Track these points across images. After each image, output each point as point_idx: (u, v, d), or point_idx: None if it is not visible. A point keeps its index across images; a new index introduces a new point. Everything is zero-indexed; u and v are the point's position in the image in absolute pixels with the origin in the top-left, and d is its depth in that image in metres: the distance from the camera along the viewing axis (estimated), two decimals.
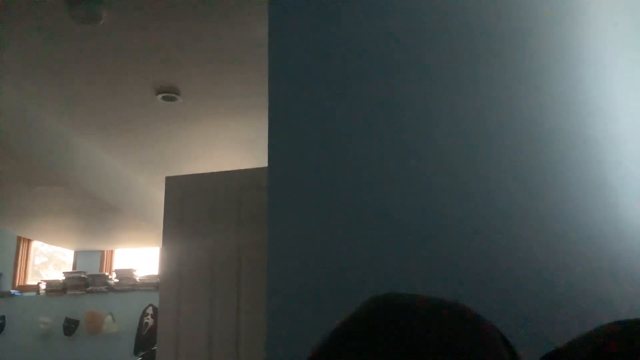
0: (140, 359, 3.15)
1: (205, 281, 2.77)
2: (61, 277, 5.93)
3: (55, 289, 5.83)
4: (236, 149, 4.37)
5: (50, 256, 6.85)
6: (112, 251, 6.47)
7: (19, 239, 6.28)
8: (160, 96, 3.40)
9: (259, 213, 2.79)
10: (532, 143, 1.31)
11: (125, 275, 5.80)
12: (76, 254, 6.36)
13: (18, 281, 6.20)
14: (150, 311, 5.67)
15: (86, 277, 5.85)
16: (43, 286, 5.92)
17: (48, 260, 6.87)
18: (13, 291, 5.95)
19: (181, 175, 2.98)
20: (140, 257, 6.59)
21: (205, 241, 2.82)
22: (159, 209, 5.44)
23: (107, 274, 5.96)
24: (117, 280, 5.83)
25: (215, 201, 2.87)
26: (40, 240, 5.73)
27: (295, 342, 1.25)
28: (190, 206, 2.90)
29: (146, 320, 5.64)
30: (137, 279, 5.81)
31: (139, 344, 5.57)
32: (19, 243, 6.30)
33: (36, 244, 6.54)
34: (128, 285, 5.78)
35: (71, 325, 5.72)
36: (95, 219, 4.88)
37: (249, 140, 4.20)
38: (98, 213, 4.69)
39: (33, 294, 5.98)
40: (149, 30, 2.72)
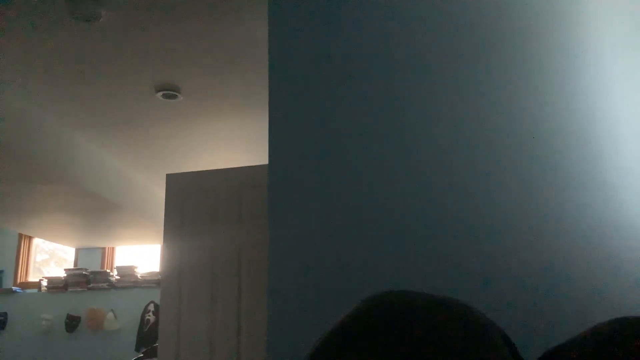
0: (141, 355, 3.15)
1: (206, 278, 2.77)
2: (62, 274, 5.94)
3: (57, 286, 5.85)
4: (236, 146, 4.38)
5: (51, 253, 6.86)
6: (113, 248, 6.47)
7: (20, 236, 6.29)
8: (161, 94, 3.40)
9: (259, 210, 2.79)
10: (532, 142, 1.31)
11: (127, 272, 5.82)
12: (77, 251, 6.37)
13: (19, 278, 6.21)
14: (151, 308, 5.69)
15: (87, 274, 5.87)
16: (44, 283, 5.93)
17: (49, 258, 6.89)
18: (15, 288, 5.97)
19: (182, 173, 2.98)
20: (141, 254, 6.60)
21: (206, 238, 2.82)
22: (160, 207, 5.44)
23: (108, 270, 5.97)
24: (118, 277, 5.84)
25: (215, 199, 2.87)
26: (41, 237, 5.74)
27: (295, 341, 1.26)
28: (191, 204, 2.90)
29: (147, 317, 5.66)
30: (139, 275, 5.83)
31: (140, 340, 5.59)
32: (20, 240, 6.31)
33: (37, 241, 6.55)
34: (129, 282, 5.79)
35: (73, 321, 5.74)
36: (96, 216, 4.89)
37: (249, 138, 4.21)
38: (99, 211, 4.70)
39: (34, 290, 5.99)
40: (149, 28, 2.72)
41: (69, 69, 3.10)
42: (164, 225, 2.90)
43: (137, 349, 5.55)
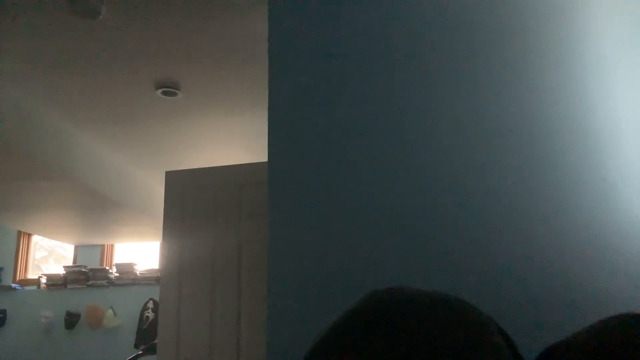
0: (141, 352, 3.15)
1: (206, 276, 2.77)
2: (62, 271, 5.94)
3: (56, 283, 5.85)
4: (236, 143, 4.37)
5: (50, 250, 6.86)
6: (112, 245, 6.47)
7: (19, 233, 6.29)
8: (160, 91, 3.40)
9: (259, 208, 2.79)
10: (533, 141, 1.31)
11: (126, 269, 5.82)
12: (76, 248, 6.37)
13: (19, 275, 6.21)
14: (151, 305, 5.69)
15: (87, 271, 5.87)
16: (44, 280, 5.93)
17: (48, 255, 6.89)
18: (14, 285, 5.97)
19: (181, 170, 2.98)
20: (140, 251, 6.60)
21: (205, 236, 2.82)
22: (159, 204, 5.44)
23: (107, 268, 5.97)
24: (117, 274, 5.84)
25: (215, 196, 2.87)
26: (40, 234, 5.73)
27: (295, 338, 1.26)
28: (191, 201, 2.90)
29: (147, 314, 5.66)
30: (138, 272, 5.83)
31: (139, 337, 5.60)
32: (19, 237, 6.31)
33: (36, 238, 6.55)
34: (129, 279, 5.79)
35: (72, 319, 5.74)
36: (95, 213, 4.89)
37: (249, 135, 4.20)
38: (98, 208, 4.69)
39: (34, 287, 5.99)
40: (148, 25, 2.71)
41: (68, 66, 3.10)
42: (164, 223, 2.90)
43: (136, 345, 5.55)
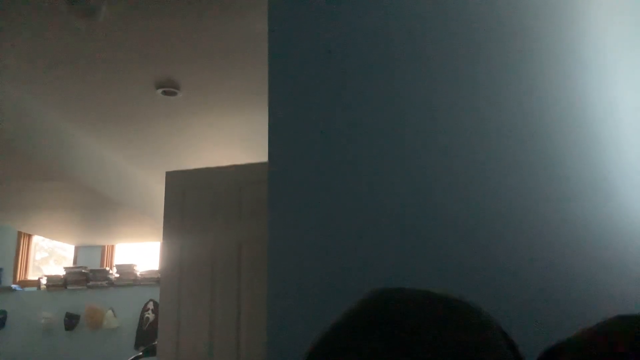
0: (140, 353, 3.14)
1: (206, 276, 2.77)
2: (62, 272, 5.94)
3: (56, 284, 5.84)
4: (236, 143, 4.37)
5: (50, 251, 6.86)
6: (112, 246, 6.47)
7: (20, 234, 6.28)
8: (160, 91, 3.39)
9: (259, 208, 2.79)
10: (533, 140, 1.30)
11: (126, 270, 5.81)
12: (77, 249, 6.37)
13: (19, 276, 6.21)
14: (151, 306, 5.69)
15: (87, 272, 5.86)
16: (44, 281, 5.93)
17: (49, 256, 6.88)
18: (14, 286, 5.96)
19: (181, 170, 2.97)
20: (140, 252, 6.60)
21: (205, 236, 2.82)
22: (160, 204, 5.43)
23: (107, 269, 5.97)
24: (117, 275, 5.84)
25: (215, 196, 2.86)
26: (40, 235, 5.73)
27: (295, 338, 1.25)
28: (191, 201, 2.89)
29: (147, 315, 5.65)
30: (138, 274, 5.82)
31: (139, 338, 5.59)
32: (19, 238, 6.31)
33: (37, 239, 6.54)
34: (129, 280, 5.79)
35: (72, 320, 5.74)
36: (96, 214, 4.89)
37: (249, 135, 4.20)
38: (98, 208, 4.69)
39: (34, 288, 5.99)
40: (148, 25, 2.71)
41: (68, 66, 3.09)
42: (164, 223, 2.89)
43: (136, 347, 5.55)
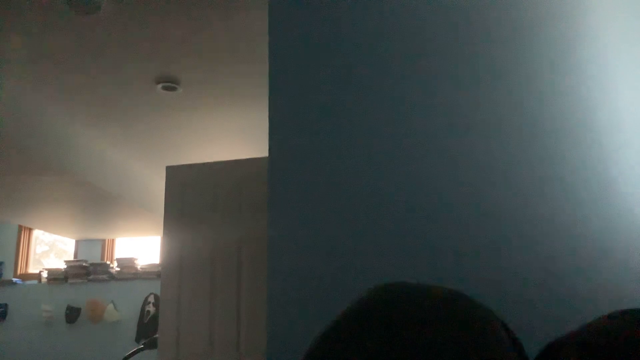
0: (141, 346, 3.16)
1: (206, 270, 2.78)
2: (62, 266, 5.95)
3: (57, 277, 5.86)
4: (237, 138, 4.37)
5: (51, 245, 6.87)
6: (113, 240, 6.48)
7: (20, 227, 6.29)
8: (160, 86, 3.39)
9: (260, 202, 2.79)
10: (533, 137, 1.31)
11: (127, 263, 5.82)
12: (77, 242, 6.38)
13: (20, 269, 6.22)
14: (151, 299, 5.71)
15: (87, 266, 5.88)
16: (45, 274, 5.94)
17: (49, 249, 6.90)
18: (15, 279, 5.98)
19: (182, 165, 2.98)
20: (141, 246, 6.61)
21: (206, 231, 2.82)
22: (160, 199, 5.44)
23: (108, 262, 5.98)
24: (118, 269, 5.85)
25: (215, 191, 2.87)
26: (41, 229, 5.74)
27: (295, 333, 1.26)
28: (191, 196, 2.90)
29: (148, 309, 5.67)
30: (139, 267, 5.83)
31: (140, 331, 5.61)
32: (20, 232, 6.32)
33: (37, 233, 6.55)
34: (129, 273, 5.80)
35: (73, 313, 5.76)
36: (96, 208, 4.89)
37: (249, 130, 4.20)
38: (98, 202, 4.70)
39: (35, 282, 6.00)
40: (148, 20, 2.71)
41: (68, 61, 3.09)
42: (164, 217, 2.90)
43: (137, 340, 5.57)
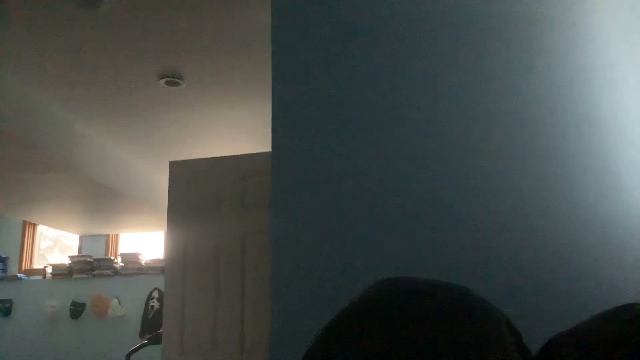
0: (146, 341, 3.18)
1: (210, 265, 2.79)
2: (67, 261, 5.97)
3: (62, 273, 5.88)
4: (240, 134, 4.37)
5: (55, 240, 6.89)
6: (117, 235, 6.50)
7: (25, 223, 6.32)
8: (164, 81, 3.39)
9: (263, 198, 2.79)
10: (537, 132, 1.30)
11: (131, 259, 5.84)
12: (81, 238, 6.40)
13: (24, 265, 6.25)
14: (156, 294, 5.72)
15: (92, 261, 5.90)
16: (49, 270, 5.97)
17: (53, 245, 6.92)
18: (19, 275, 6.00)
19: (185, 160, 2.98)
20: (145, 241, 6.63)
21: (209, 226, 2.83)
22: (164, 194, 5.45)
23: (112, 257, 6.00)
24: (122, 264, 5.87)
25: (219, 186, 2.87)
26: (45, 224, 5.76)
27: (299, 328, 1.27)
28: (195, 191, 2.90)
29: (152, 304, 5.69)
30: (143, 262, 5.85)
31: (144, 327, 5.63)
32: (24, 227, 6.34)
33: (41, 229, 6.57)
34: (134, 268, 5.82)
35: (78, 308, 5.78)
36: (100, 204, 4.90)
37: (253, 125, 4.20)
38: (102, 198, 4.71)
39: (39, 277, 6.03)
40: (151, 15, 2.70)
41: (72, 57, 3.09)
42: (168, 213, 2.91)
43: (141, 335, 5.59)
